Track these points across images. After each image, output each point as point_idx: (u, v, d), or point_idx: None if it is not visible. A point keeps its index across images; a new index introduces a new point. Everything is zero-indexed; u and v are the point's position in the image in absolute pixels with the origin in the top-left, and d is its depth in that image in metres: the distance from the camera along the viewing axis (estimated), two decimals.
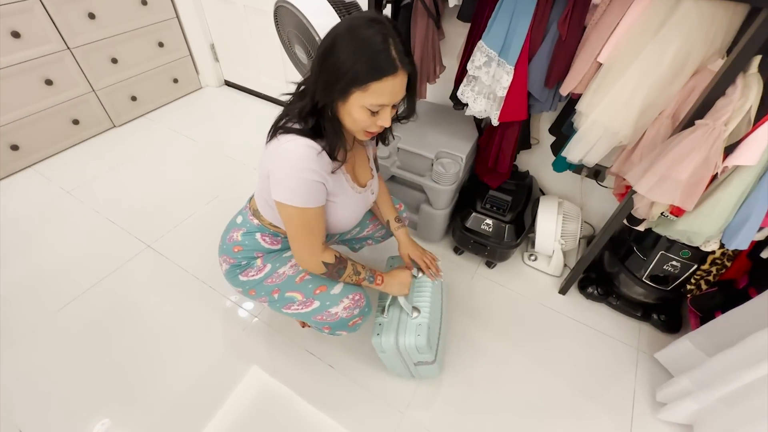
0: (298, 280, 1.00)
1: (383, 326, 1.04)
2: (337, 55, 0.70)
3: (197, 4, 2.19)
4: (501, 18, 1.04)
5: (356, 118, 0.76)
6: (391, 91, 0.73)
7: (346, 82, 0.71)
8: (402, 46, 0.72)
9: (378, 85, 0.71)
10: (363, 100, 0.73)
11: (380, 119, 0.78)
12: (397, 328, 1.03)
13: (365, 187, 0.99)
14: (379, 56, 0.69)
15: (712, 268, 1.14)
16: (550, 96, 1.17)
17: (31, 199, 1.72)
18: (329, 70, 0.72)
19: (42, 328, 1.27)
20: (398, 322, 1.04)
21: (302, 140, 0.77)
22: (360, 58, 0.69)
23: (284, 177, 0.80)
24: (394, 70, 0.71)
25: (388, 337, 1.02)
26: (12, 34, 1.62)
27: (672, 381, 1.11)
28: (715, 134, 0.79)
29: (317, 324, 1.02)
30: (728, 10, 0.83)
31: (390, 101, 0.75)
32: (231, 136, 2.20)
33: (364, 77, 0.70)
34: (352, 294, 1.00)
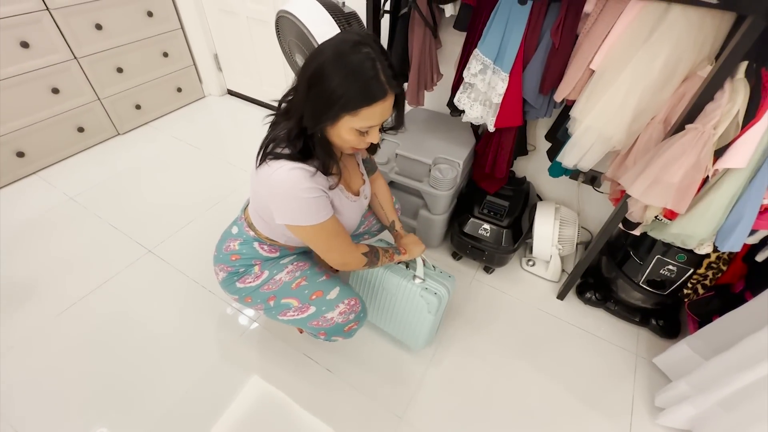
0: (294, 286, 1.01)
1: (428, 288, 1.10)
2: (327, 83, 0.70)
3: (201, 16, 2.24)
4: (496, 27, 1.07)
5: (345, 138, 0.78)
6: (380, 114, 0.75)
7: (338, 109, 0.72)
8: (389, 69, 0.72)
9: (368, 110, 0.72)
10: (353, 123, 0.74)
11: (369, 137, 0.79)
12: (435, 282, 1.13)
13: (358, 195, 1.01)
14: (370, 83, 0.70)
15: (708, 272, 1.14)
16: (545, 102, 1.19)
17: (35, 204, 1.74)
18: (318, 98, 0.72)
19: (41, 333, 1.28)
20: (430, 278, 1.14)
21: (292, 165, 0.78)
22: (351, 86, 0.69)
23: (288, 205, 0.80)
24: (384, 95, 0.72)
25: (441, 287, 1.11)
26: (21, 44, 1.66)
27: (670, 385, 1.11)
28: (705, 138, 0.81)
29: (313, 330, 1.03)
30: (715, 18, 0.85)
31: (379, 122, 0.77)
32: (233, 143, 2.24)
33: (355, 104, 0.71)
34: (348, 299, 1.00)
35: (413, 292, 1.11)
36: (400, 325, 1.21)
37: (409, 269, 1.15)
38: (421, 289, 1.10)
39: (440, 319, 1.23)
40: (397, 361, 1.27)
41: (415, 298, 1.11)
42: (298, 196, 0.79)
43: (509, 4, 1.02)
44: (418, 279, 1.13)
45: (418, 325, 1.16)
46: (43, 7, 1.68)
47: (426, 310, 1.10)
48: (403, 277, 1.13)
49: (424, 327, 1.15)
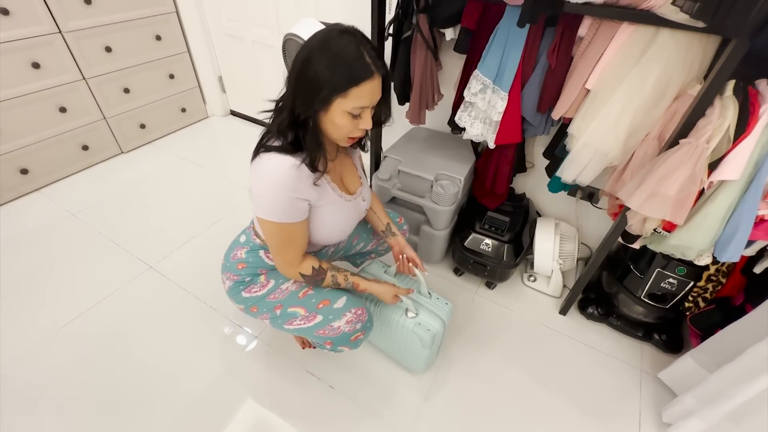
0: (301, 295, 1.01)
1: (421, 324, 1.09)
2: (315, 68, 0.73)
3: (208, 40, 2.32)
4: (494, 49, 1.13)
5: (339, 124, 0.79)
6: (370, 93, 0.77)
7: (328, 91, 0.74)
8: (374, 52, 0.76)
9: (357, 89, 0.75)
10: (344, 105, 0.76)
11: (362, 122, 0.81)
12: (429, 314, 1.11)
13: (355, 195, 1.01)
14: (356, 63, 0.73)
15: (708, 285, 1.16)
16: (543, 120, 1.23)
17: (37, 220, 1.74)
18: (308, 83, 0.75)
19: (39, 348, 1.26)
20: (425, 310, 1.13)
21: (282, 157, 0.80)
22: (337, 68, 0.73)
23: (263, 194, 0.82)
24: (371, 74, 0.75)
25: (435, 322, 1.10)
26: (33, 64, 1.71)
27: (676, 400, 1.10)
28: (699, 151, 0.84)
29: (319, 339, 1.02)
30: (702, 41, 0.90)
31: (370, 103, 0.79)
32: (235, 161, 2.27)
33: (344, 84, 0.74)
34: (355, 308, 1.00)
35: (406, 327, 1.11)
36: (400, 354, 1.22)
37: (402, 306, 1.13)
38: (414, 324, 1.10)
39: (439, 345, 1.22)
40: (401, 377, 1.25)
41: (408, 334, 1.11)
42: (278, 192, 0.81)
43: (507, 28, 1.08)
44: (411, 314, 1.12)
45: (415, 355, 1.16)
46: (56, 30, 1.73)
47: (420, 345, 1.10)
48: (394, 311, 1.12)
49: (421, 357, 1.15)
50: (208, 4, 2.18)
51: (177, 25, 2.21)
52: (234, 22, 2.17)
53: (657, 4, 0.87)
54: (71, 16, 1.76)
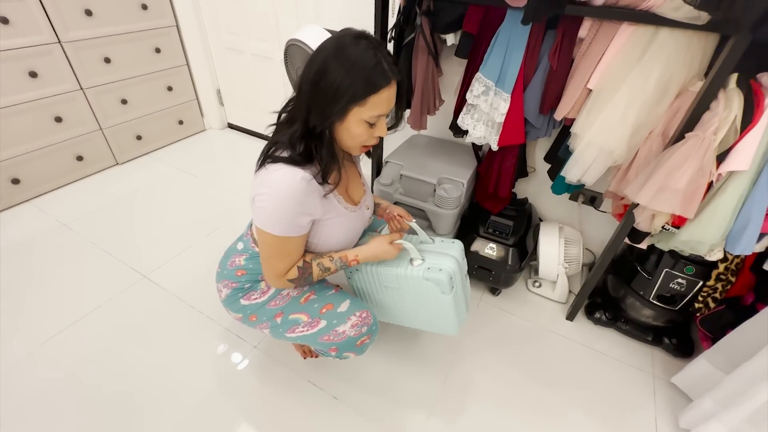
0: (302, 301, 0.98)
1: (431, 267, 0.93)
2: (332, 77, 0.71)
3: (207, 53, 2.34)
4: (496, 52, 1.14)
5: (355, 133, 0.78)
6: (387, 101, 0.76)
7: (345, 102, 0.73)
8: (390, 57, 0.75)
9: (376, 97, 0.73)
10: (362, 114, 0.75)
11: (377, 130, 0.80)
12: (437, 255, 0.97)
13: (359, 205, 0.98)
14: (374, 70, 0.72)
15: (717, 284, 1.14)
16: (545, 122, 1.24)
17: (26, 231, 1.69)
18: (325, 93, 0.72)
19: (27, 361, 1.19)
20: (432, 254, 0.98)
21: (291, 169, 0.77)
22: (356, 77, 0.71)
23: (267, 205, 0.79)
24: (388, 81, 0.74)
25: (446, 260, 0.94)
26: (30, 73, 1.69)
27: (693, 404, 1.07)
28: (706, 143, 0.85)
29: (324, 346, 0.97)
30: (701, 39, 0.92)
31: (387, 110, 0.78)
32: (232, 172, 2.24)
33: (363, 93, 0.72)
34: (359, 311, 0.97)
35: (416, 278, 0.94)
36: (425, 318, 1.06)
37: (404, 255, 0.99)
38: (423, 271, 0.94)
39: (463, 290, 1.04)
40: (406, 386, 1.20)
41: (421, 283, 0.94)
42: (284, 205, 0.77)
43: (509, 31, 1.10)
44: (417, 261, 0.96)
45: (441, 311, 0.99)
46: (55, 40, 1.73)
47: (439, 291, 0.94)
48: (398, 265, 0.97)
49: (448, 309, 0.98)
50: (209, 18, 2.21)
51: (177, 39, 2.23)
52: (234, 35, 2.20)
53: (656, 3, 0.89)
54: (71, 26, 1.76)
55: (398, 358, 1.26)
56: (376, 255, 0.94)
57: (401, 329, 1.35)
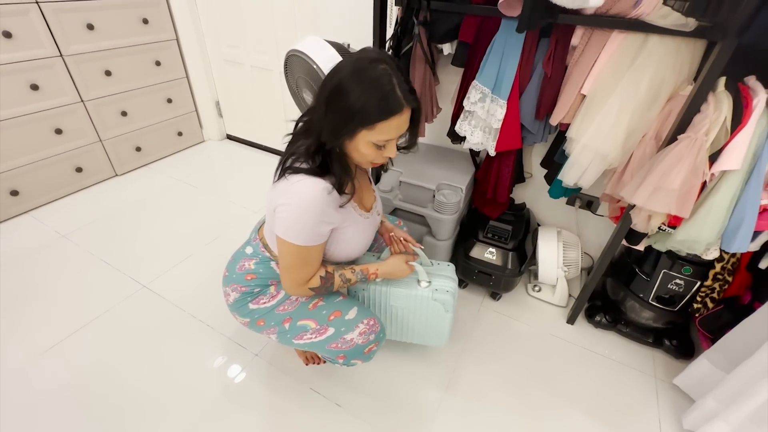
0: (311, 307, 0.97)
1: (438, 289, 1.06)
2: (345, 98, 0.72)
3: (206, 66, 2.38)
4: (492, 60, 1.17)
5: (363, 152, 0.79)
6: (396, 127, 0.77)
7: (355, 124, 0.74)
8: (406, 84, 0.76)
9: (384, 124, 0.74)
10: (370, 137, 0.76)
11: (387, 152, 0.81)
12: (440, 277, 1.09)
13: (371, 211, 1.01)
14: (387, 97, 0.73)
15: (715, 284, 1.16)
16: (541, 127, 1.27)
17: (24, 242, 1.68)
18: (337, 113, 0.74)
19: (24, 373, 1.17)
20: (435, 275, 1.10)
21: (313, 180, 0.79)
22: (368, 101, 0.72)
23: (290, 216, 0.80)
24: (400, 109, 0.74)
25: (449, 282, 1.08)
26: (31, 86, 1.71)
27: (696, 405, 1.07)
28: (698, 144, 0.87)
29: (332, 353, 0.97)
30: (689, 45, 0.96)
31: (396, 135, 0.79)
32: (231, 183, 2.26)
33: (372, 118, 0.73)
34: (367, 319, 0.97)
35: (425, 298, 1.06)
36: (420, 332, 1.16)
37: (412, 276, 1.09)
38: (431, 292, 1.06)
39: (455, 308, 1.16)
40: (409, 392, 1.19)
41: (428, 303, 1.07)
42: (306, 215, 0.79)
43: (504, 39, 1.13)
44: (424, 283, 1.08)
45: (439, 326, 1.11)
46: (57, 53, 1.76)
47: (443, 310, 1.06)
48: (408, 287, 1.08)
49: (445, 325, 1.11)
50: (208, 31, 2.25)
51: (177, 52, 2.26)
52: (233, 48, 2.24)
53: (645, 12, 0.93)
54: (73, 40, 1.79)
55: (400, 365, 1.26)
56: (393, 272, 1.02)
57: None
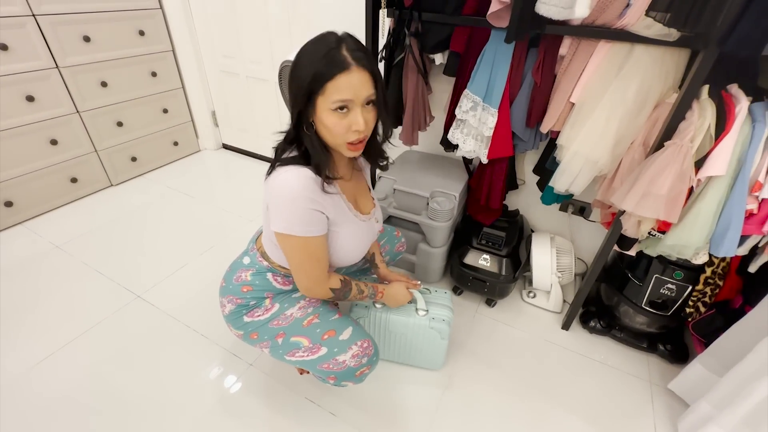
0: (305, 324, 0.96)
1: (435, 318, 1.13)
2: (298, 69, 0.75)
3: (202, 76, 2.40)
4: (482, 69, 1.19)
5: (328, 124, 0.76)
6: (348, 87, 0.73)
7: (306, 90, 0.74)
8: (356, 45, 0.75)
9: (332, 84, 0.72)
10: (325, 102, 0.74)
11: (350, 120, 0.77)
12: (437, 306, 1.17)
13: (369, 215, 1.01)
14: (328, 57, 0.72)
15: (706, 288, 1.17)
16: (532, 135, 1.29)
17: (18, 253, 1.67)
18: (293, 85, 0.77)
19: (18, 384, 1.16)
20: (432, 304, 1.17)
21: (297, 169, 0.79)
22: (313, 64, 0.73)
23: (283, 207, 0.81)
24: (346, 66, 0.72)
25: (445, 311, 1.15)
26: (27, 98, 1.72)
27: (691, 409, 1.07)
28: (684, 150, 0.89)
29: (322, 373, 0.94)
30: (674, 54, 0.98)
31: (351, 96, 0.74)
32: (227, 192, 2.26)
33: (319, 80, 0.73)
34: (361, 341, 0.95)
35: (422, 326, 1.14)
36: (416, 356, 1.23)
37: (410, 304, 1.16)
38: (428, 320, 1.13)
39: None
40: (404, 401, 1.19)
41: (426, 331, 1.14)
42: (297, 203, 0.79)
43: (494, 49, 1.15)
44: (422, 311, 1.15)
45: (434, 351, 1.19)
46: (53, 65, 1.77)
47: (439, 338, 1.14)
48: (407, 314, 1.15)
49: (440, 351, 1.18)
50: (204, 42, 2.28)
51: (173, 63, 2.29)
52: (229, 58, 2.26)
53: (630, 22, 0.95)
54: (69, 52, 1.81)
55: (396, 374, 1.26)
56: (395, 296, 1.09)
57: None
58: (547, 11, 0.94)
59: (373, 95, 0.78)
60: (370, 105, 0.79)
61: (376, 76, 0.78)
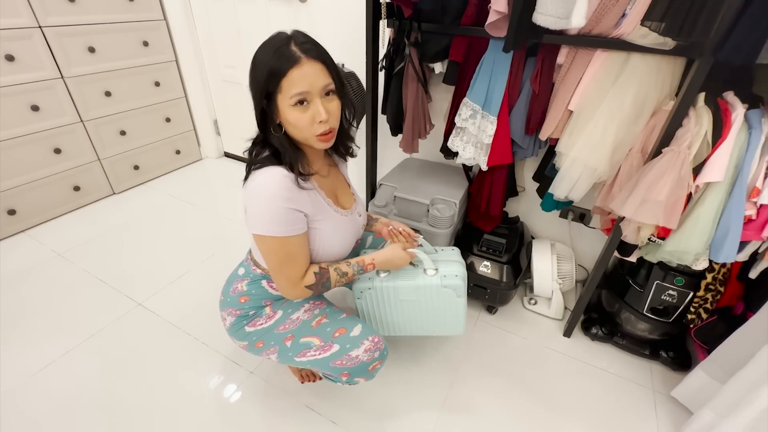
0: (314, 324, 0.96)
1: (446, 275, 1.04)
2: (254, 71, 0.78)
3: (205, 86, 2.43)
4: (481, 78, 1.21)
5: (292, 120, 0.78)
6: (302, 79, 0.75)
7: (264, 89, 0.76)
8: (304, 38, 0.77)
9: (287, 79, 0.74)
10: (284, 99, 0.76)
11: (312, 111, 0.78)
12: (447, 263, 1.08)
13: (350, 210, 1.01)
14: (278, 53, 0.74)
15: (707, 294, 1.17)
16: (531, 142, 1.30)
17: (20, 261, 1.68)
18: (253, 88, 0.79)
19: (17, 393, 1.16)
20: (440, 262, 1.09)
21: (270, 170, 0.80)
22: (265, 63, 0.75)
23: (259, 209, 0.81)
24: (296, 61, 0.74)
25: (456, 266, 1.07)
26: (32, 107, 1.74)
27: (695, 417, 1.06)
28: (682, 157, 0.89)
29: (335, 371, 0.94)
30: (670, 62, 0.99)
31: (307, 88, 0.76)
32: (228, 200, 2.27)
33: (274, 78, 0.74)
34: (372, 336, 0.95)
35: (434, 286, 1.04)
36: (434, 323, 1.13)
37: (417, 267, 1.08)
38: (440, 279, 1.03)
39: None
40: (405, 409, 1.18)
41: (439, 291, 1.04)
42: (274, 203, 0.79)
43: (492, 58, 1.17)
44: (431, 271, 1.06)
45: (452, 313, 1.09)
46: (58, 75, 1.80)
47: (455, 295, 1.04)
48: (415, 278, 1.05)
49: (459, 311, 1.08)
50: (207, 53, 2.31)
51: (176, 73, 2.32)
52: (231, 68, 2.29)
53: (626, 32, 0.97)
54: (74, 62, 1.83)
55: (397, 381, 1.25)
56: (391, 260, 1.00)
57: (398, 352, 1.34)
58: (544, 21, 0.95)
59: (331, 84, 0.79)
60: (330, 94, 0.81)
61: (329, 65, 0.79)
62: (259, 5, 1.96)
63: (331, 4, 1.72)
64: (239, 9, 2.04)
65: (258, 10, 1.98)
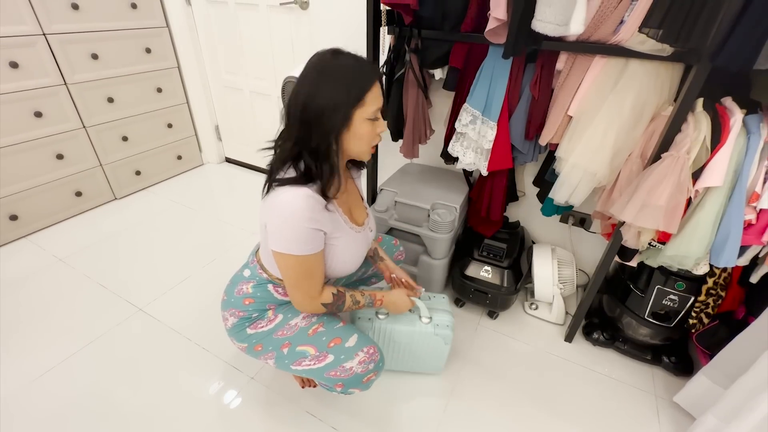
0: (311, 333, 0.96)
1: (439, 324, 1.15)
2: (324, 95, 0.76)
3: (207, 92, 2.44)
4: (481, 84, 1.22)
5: (362, 134, 0.81)
6: (378, 94, 0.81)
7: (346, 108, 0.77)
8: (364, 58, 0.82)
9: (370, 94, 0.79)
10: (365, 113, 0.79)
11: (379, 125, 0.84)
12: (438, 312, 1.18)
13: (363, 226, 1.02)
14: (361, 72, 0.78)
15: (708, 299, 1.17)
16: (531, 147, 1.30)
17: (21, 267, 1.68)
18: (320, 113, 0.76)
19: (18, 398, 1.15)
20: (433, 310, 1.18)
21: (296, 189, 0.80)
22: (350, 82, 0.77)
23: (282, 228, 0.82)
24: (375, 76, 0.80)
25: (447, 316, 1.17)
26: (35, 113, 1.75)
27: (698, 422, 1.05)
28: (681, 162, 0.90)
29: (330, 381, 0.94)
30: (668, 68, 1.00)
31: (381, 102, 0.83)
32: (229, 205, 2.28)
33: (359, 93, 0.77)
34: (367, 347, 0.95)
35: (427, 334, 1.14)
36: (417, 363, 1.23)
37: (413, 312, 1.17)
38: (433, 327, 1.14)
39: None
40: (406, 414, 1.17)
41: (430, 338, 1.15)
42: (297, 224, 0.80)
43: (492, 64, 1.18)
44: (426, 319, 1.16)
45: (436, 356, 1.20)
46: (61, 82, 1.81)
47: (443, 343, 1.15)
48: (410, 324, 1.15)
49: (442, 355, 1.20)
50: (209, 59, 2.33)
51: (178, 79, 2.33)
52: (233, 75, 2.31)
53: (624, 38, 0.98)
54: (78, 69, 1.85)
55: (398, 387, 1.25)
56: (395, 302, 1.07)
57: None
58: (543, 28, 0.96)
59: None
60: None
61: (380, 78, 0.84)
62: (261, 12, 1.98)
63: (332, 12, 1.74)
64: (241, 16, 2.06)
65: (259, 17, 2.00)
